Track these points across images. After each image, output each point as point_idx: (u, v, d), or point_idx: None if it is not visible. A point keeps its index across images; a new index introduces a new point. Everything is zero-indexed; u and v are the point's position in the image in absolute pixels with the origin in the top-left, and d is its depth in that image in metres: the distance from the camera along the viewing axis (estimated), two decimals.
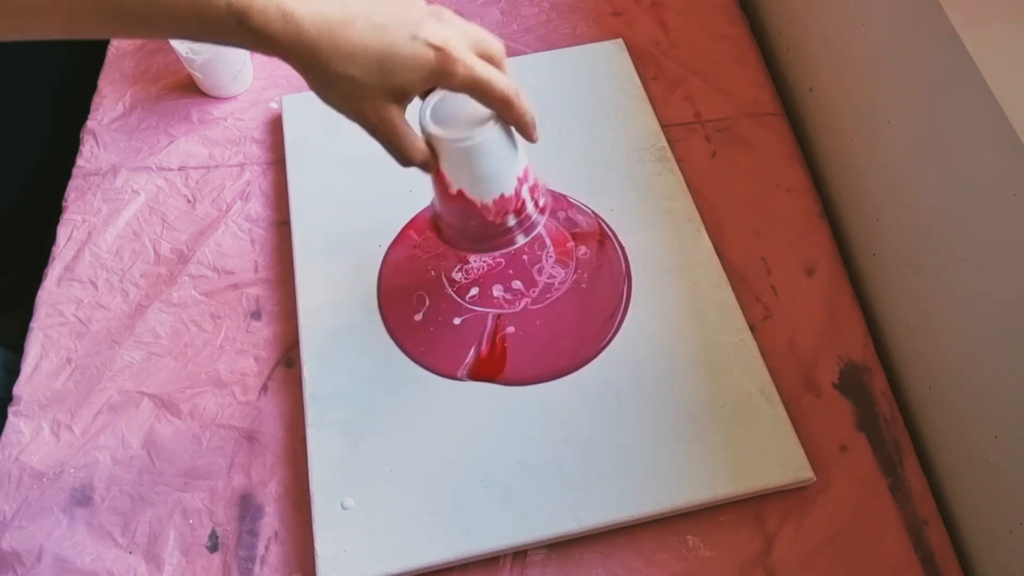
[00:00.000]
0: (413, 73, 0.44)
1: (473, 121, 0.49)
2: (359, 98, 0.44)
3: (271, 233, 0.71)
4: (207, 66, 0.75)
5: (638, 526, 0.56)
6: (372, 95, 0.44)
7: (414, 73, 0.44)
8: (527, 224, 0.56)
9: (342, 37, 0.42)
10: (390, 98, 0.45)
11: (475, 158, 0.50)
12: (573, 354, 0.62)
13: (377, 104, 0.45)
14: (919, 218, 0.60)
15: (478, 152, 0.50)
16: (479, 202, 0.53)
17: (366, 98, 0.44)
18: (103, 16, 0.40)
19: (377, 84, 0.44)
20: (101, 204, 0.73)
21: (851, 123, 0.68)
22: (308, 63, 0.43)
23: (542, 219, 0.57)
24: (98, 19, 0.40)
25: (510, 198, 0.54)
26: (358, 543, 0.55)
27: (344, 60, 0.42)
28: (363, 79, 0.43)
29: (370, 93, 0.44)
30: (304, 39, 0.42)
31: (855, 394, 0.61)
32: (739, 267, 0.67)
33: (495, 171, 0.52)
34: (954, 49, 0.52)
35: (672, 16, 0.84)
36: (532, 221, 0.56)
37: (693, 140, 0.75)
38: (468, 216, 0.54)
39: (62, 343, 0.65)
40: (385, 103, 0.45)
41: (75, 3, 0.39)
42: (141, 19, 0.40)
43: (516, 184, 0.53)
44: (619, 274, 0.66)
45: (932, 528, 0.56)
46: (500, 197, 0.53)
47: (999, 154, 0.49)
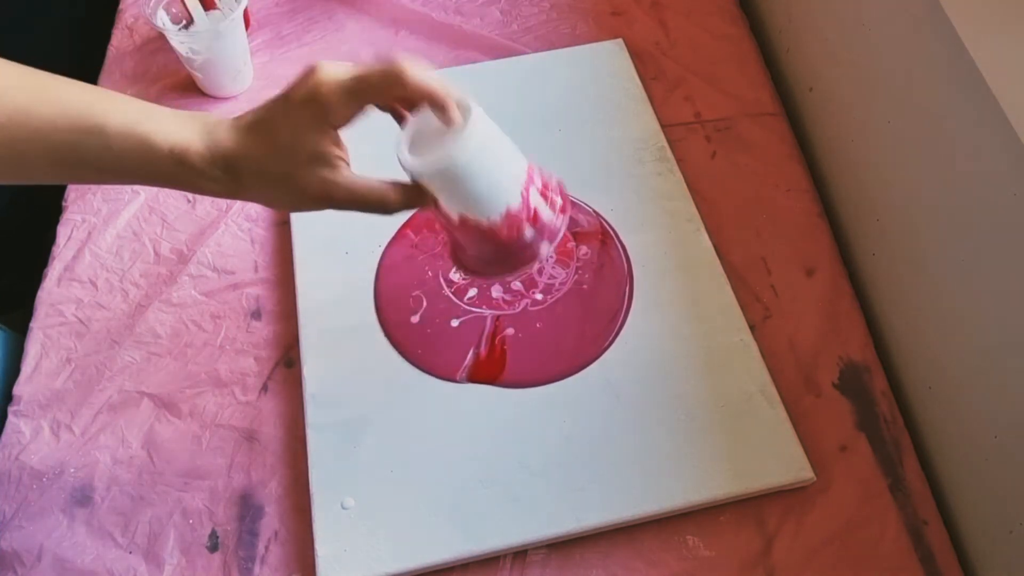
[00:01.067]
0: (304, 114, 0.44)
1: (448, 140, 0.45)
2: (289, 188, 0.46)
3: (271, 233, 0.71)
4: (207, 66, 0.75)
5: (638, 526, 0.56)
6: (300, 173, 0.45)
7: (304, 113, 0.44)
8: (547, 231, 0.50)
9: (256, 150, 0.44)
10: (315, 163, 0.45)
11: (462, 178, 0.46)
12: (575, 356, 0.62)
13: (310, 178, 0.45)
14: (919, 218, 0.60)
15: (462, 170, 0.46)
16: (486, 223, 0.48)
17: (297, 180, 0.45)
18: (54, 165, 0.42)
19: (293, 159, 0.44)
20: (101, 204, 0.73)
21: (851, 123, 0.68)
22: (238, 184, 0.45)
23: (563, 220, 0.51)
24: (49, 166, 0.42)
25: (519, 210, 0.49)
26: (358, 543, 0.55)
27: (260, 160, 0.44)
28: (280, 168, 0.45)
29: (297, 172, 0.45)
30: (230, 163, 0.44)
31: (855, 394, 0.61)
32: (739, 267, 0.67)
33: (490, 184, 0.47)
34: (954, 49, 0.52)
35: (672, 16, 0.84)
36: (552, 227, 0.51)
37: (693, 140, 0.75)
38: (482, 241, 0.49)
39: (62, 343, 0.65)
40: (315, 171, 0.45)
41: (25, 150, 0.41)
42: (90, 168, 0.43)
43: (521, 191, 0.49)
44: (621, 275, 0.66)
45: (932, 528, 0.56)
46: (507, 211, 0.48)
47: (999, 154, 0.49)
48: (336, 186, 0.45)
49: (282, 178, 0.45)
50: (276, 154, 0.44)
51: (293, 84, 0.44)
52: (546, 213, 0.50)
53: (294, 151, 0.44)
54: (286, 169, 0.44)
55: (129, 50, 0.84)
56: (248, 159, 0.44)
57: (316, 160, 0.44)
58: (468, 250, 0.52)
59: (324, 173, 0.45)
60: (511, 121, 0.74)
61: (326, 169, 0.45)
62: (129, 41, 0.84)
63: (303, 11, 0.85)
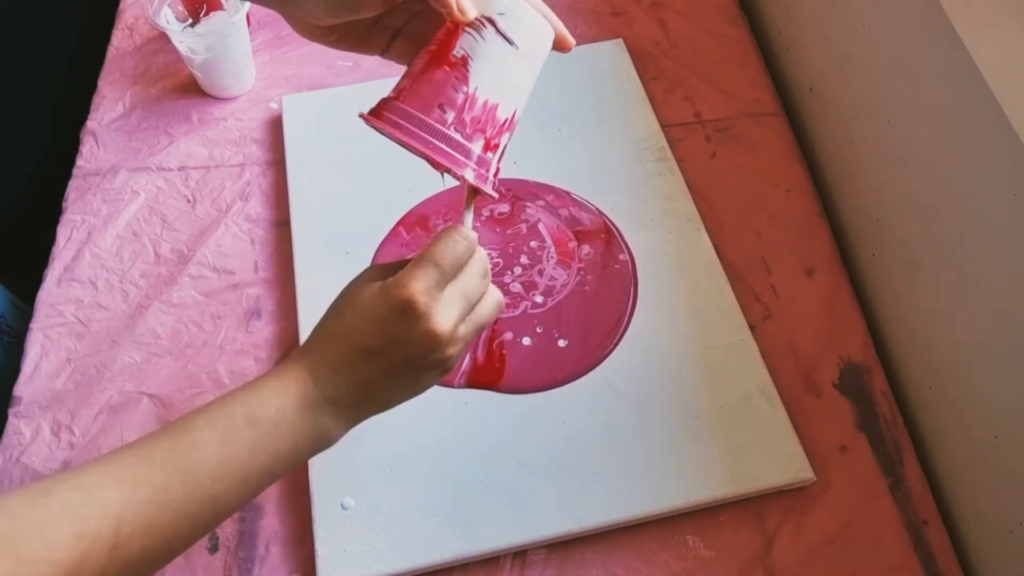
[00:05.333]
0: None
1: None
2: None
3: (271, 233, 0.71)
4: (208, 66, 0.75)
5: (638, 526, 0.56)
6: None
7: None
8: (484, 168, 0.44)
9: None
10: None
11: (518, 51, 0.42)
12: (577, 362, 0.61)
13: None
14: (919, 218, 0.60)
15: (527, 45, 0.43)
16: (471, 89, 0.42)
17: None
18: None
19: None
20: (101, 204, 0.73)
21: (851, 123, 0.68)
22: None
23: (489, 187, 0.44)
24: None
25: (500, 122, 0.43)
26: (358, 543, 0.55)
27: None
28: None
29: None
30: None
31: (855, 394, 0.61)
32: (739, 267, 0.67)
33: (508, 75, 0.43)
34: (954, 49, 0.52)
35: (672, 16, 0.84)
36: (489, 175, 0.44)
37: (693, 140, 0.75)
38: (444, 97, 0.42)
39: (62, 343, 0.65)
40: None
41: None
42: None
43: (509, 117, 0.44)
44: (626, 275, 0.66)
45: (932, 528, 0.56)
46: (491, 107, 0.43)
47: (999, 154, 0.49)
48: None
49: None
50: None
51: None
52: (495, 162, 0.45)
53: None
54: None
55: (129, 50, 0.84)
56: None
57: None
58: (418, 92, 0.43)
59: None
60: None
61: None
62: (129, 41, 0.84)
63: None
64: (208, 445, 0.41)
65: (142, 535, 0.39)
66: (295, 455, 0.44)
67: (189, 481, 0.40)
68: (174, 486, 0.40)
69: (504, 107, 0.43)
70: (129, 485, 0.39)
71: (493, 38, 0.42)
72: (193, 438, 0.41)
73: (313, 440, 0.44)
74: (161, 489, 0.40)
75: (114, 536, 0.38)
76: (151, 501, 0.39)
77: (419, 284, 0.42)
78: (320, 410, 0.44)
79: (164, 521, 0.39)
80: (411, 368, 0.44)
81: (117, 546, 0.38)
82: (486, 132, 0.43)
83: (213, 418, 0.42)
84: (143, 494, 0.39)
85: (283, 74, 0.81)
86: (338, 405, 0.44)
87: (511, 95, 0.44)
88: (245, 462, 0.42)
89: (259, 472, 0.42)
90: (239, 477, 0.42)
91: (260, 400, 0.43)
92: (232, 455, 0.42)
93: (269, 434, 0.42)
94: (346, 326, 0.44)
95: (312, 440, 0.44)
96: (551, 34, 0.45)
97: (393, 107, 0.43)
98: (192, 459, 0.41)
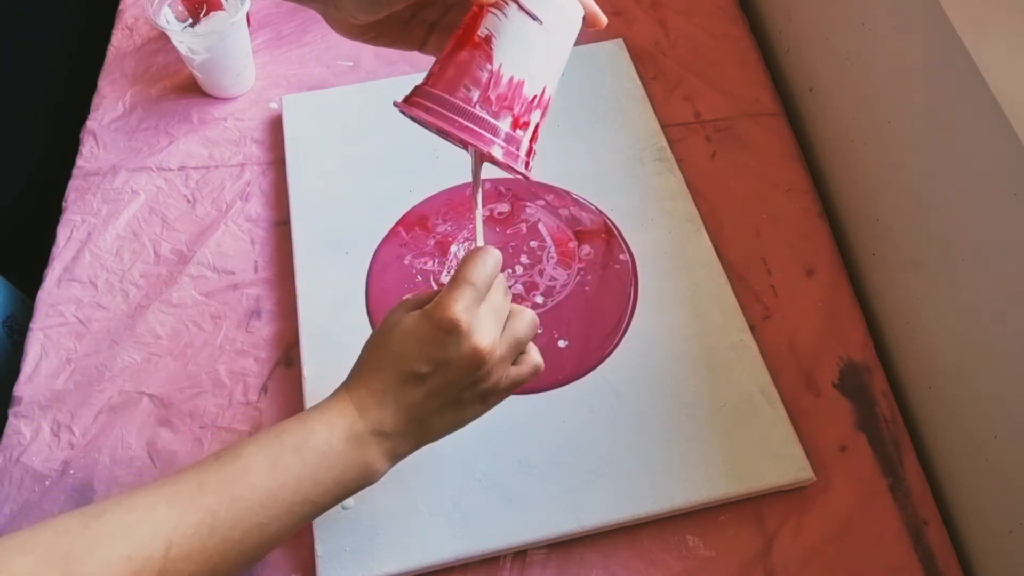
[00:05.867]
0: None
1: None
2: None
3: (271, 233, 0.71)
4: (208, 66, 0.75)
5: (638, 526, 0.56)
6: None
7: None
8: (513, 146, 0.44)
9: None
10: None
11: (549, 30, 0.43)
12: (577, 363, 0.61)
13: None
14: (919, 218, 0.60)
15: (557, 25, 0.43)
16: (495, 67, 0.42)
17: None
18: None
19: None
20: (101, 204, 0.73)
21: (851, 123, 0.68)
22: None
23: (521, 165, 0.44)
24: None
25: (528, 99, 0.43)
26: (358, 543, 0.55)
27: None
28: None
29: None
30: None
31: (855, 394, 0.61)
32: (739, 267, 0.67)
33: (533, 51, 0.43)
34: (954, 49, 0.52)
35: (672, 16, 0.84)
36: (519, 152, 0.44)
37: (693, 140, 0.75)
38: (469, 77, 0.42)
39: (62, 343, 0.65)
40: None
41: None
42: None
43: (539, 94, 0.44)
44: (627, 275, 0.66)
45: (932, 528, 0.56)
46: (517, 83, 0.43)
47: (999, 154, 0.49)
48: None
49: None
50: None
51: None
52: (526, 140, 0.45)
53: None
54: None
55: (129, 50, 0.84)
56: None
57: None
58: (444, 74, 0.43)
59: None
60: None
61: None
62: (129, 41, 0.84)
63: (303, 11, 0.85)
64: (258, 472, 0.42)
65: (190, 559, 0.39)
66: (340, 487, 0.44)
67: (238, 507, 0.41)
68: (223, 511, 0.41)
69: (531, 84, 0.43)
70: (181, 508, 0.40)
71: (516, 15, 0.42)
72: (244, 464, 0.42)
73: (358, 472, 0.45)
74: (211, 513, 0.40)
75: (164, 559, 0.38)
76: (201, 525, 0.40)
77: (460, 304, 0.44)
78: (365, 442, 0.44)
79: (212, 546, 0.40)
80: (455, 392, 0.45)
81: (165, 570, 0.38)
82: (513, 109, 0.43)
83: (263, 446, 0.43)
84: (194, 518, 0.40)
85: (283, 74, 0.81)
86: (383, 436, 0.45)
87: (538, 72, 0.44)
88: (292, 491, 0.43)
89: (304, 502, 0.43)
90: (286, 506, 0.42)
91: (308, 431, 0.44)
92: (281, 483, 0.42)
93: (316, 464, 0.43)
94: (390, 355, 0.45)
95: (357, 472, 0.45)
96: (580, 11, 0.45)
97: (422, 92, 0.44)
98: (242, 485, 0.42)
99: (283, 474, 0.42)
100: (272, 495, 0.42)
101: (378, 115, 0.75)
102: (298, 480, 0.43)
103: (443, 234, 0.68)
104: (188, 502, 0.40)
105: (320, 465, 0.43)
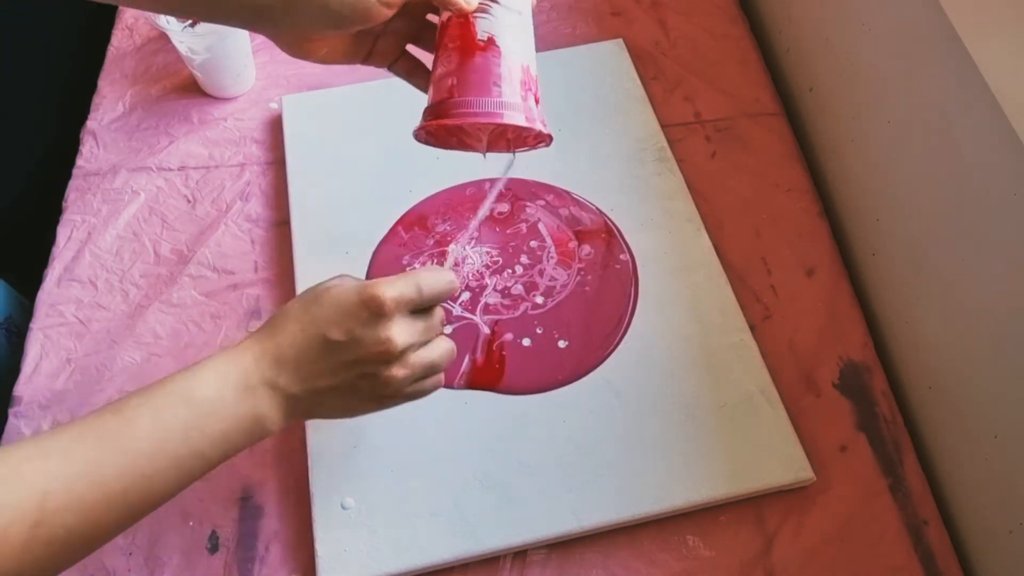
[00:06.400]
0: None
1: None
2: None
3: (271, 233, 0.71)
4: (208, 66, 0.75)
5: (638, 526, 0.56)
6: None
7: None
8: (542, 120, 0.48)
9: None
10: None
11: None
12: (577, 363, 0.61)
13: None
14: (919, 218, 0.60)
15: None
16: (507, 60, 0.46)
17: None
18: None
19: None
20: (101, 204, 0.73)
21: (851, 123, 0.68)
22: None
23: (543, 128, 0.48)
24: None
25: (534, 77, 0.48)
26: (358, 543, 0.55)
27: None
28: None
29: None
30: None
31: (855, 394, 0.61)
32: (739, 267, 0.67)
33: (524, 38, 0.47)
34: (954, 49, 0.52)
35: (672, 16, 0.84)
36: (545, 120, 0.48)
37: (693, 140, 0.75)
38: (493, 76, 0.46)
39: (62, 343, 0.65)
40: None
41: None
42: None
43: (535, 72, 0.48)
44: (627, 275, 0.66)
45: (932, 528, 0.56)
46: (526, 68, 0.47)
47: (999, 154, 0.49)
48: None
49: None
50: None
51: None
52: (538, 111, 0.48)
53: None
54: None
55: (129, 50, 0.84)
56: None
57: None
58: (459, 76, 0.46)
59: None
60: None
61: None
62: (129, 41, 0.84)
63: None
64: (142, 423, 0.40)
65: (68, 511, 0.37)
66: (230, 442, 0.43)
67: (120, 458, 0.39)
68: (105, 462, 0.39)
69: (532, 65, 0.48)
70: (57, 460, 0.38)
71: (502, 13, 0.47)
72: (127, 415, 0.40)
73: (250, 424, 0.43)
74: (91, 464, 0.38)
75: (38, 511, 0.36)
76: (80, 476, 0.38)
77: (393, 292, 0.43)
78: (259, 394, 0.43)
79: (92, 499, 0.38)
80: (355, 375, 0.44)
81: (41, 522, 0.37)
82: (532, 89, 0.48)
83: (149, 396, 0.41)
84: (72, 469, 0.38)
85: (283, 74, 0.81)
86: (276, 390, 0.43)
87: (531, 53, 0.49)
88: (180, 442, 0.41)
89: (193, 454, 0.41)
90: (173, 458, 0.40)
91: (199, 380, 0.42)
92: (167, 434, 0.40)
93: (205, 414, 0.41)
94: (310, 315, 0.44)
95: (249, 424, 0.43)
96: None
97: (452, 104, 0.46)
98: (125, 436, 0.40)
99: (170, 423, 0.40)
100: (158, 446, 0.40)
101: (378, 115, 0.75)
102: (185, 431, 0.41)
103: (443, 234, 0.68)
104: (65, 453, 0.38)
105: (210, 415, 0.41)
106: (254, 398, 0.43)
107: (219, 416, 0.42)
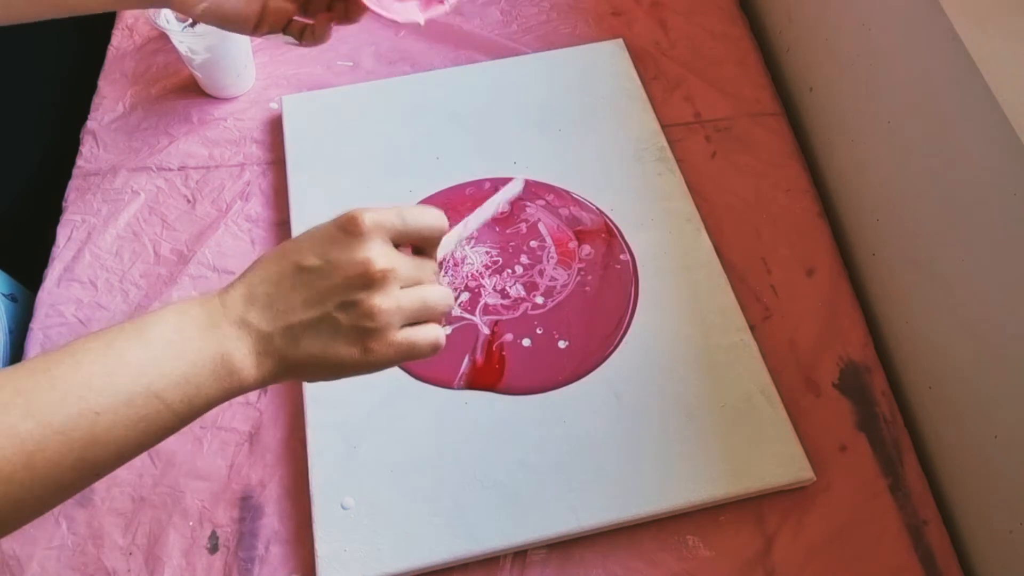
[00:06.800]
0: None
1: None
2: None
3: (271, 233, 0.71)
4: (208, 66, 0.75)
5: (638, 526, 0.56)
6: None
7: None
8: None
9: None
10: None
11: None
12: (577, 364, 0.61)
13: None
14: (919, 218, 0.60)
15: None
16: None
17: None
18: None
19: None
20: (101, 204, 0.73)
21: (851, 123, 0.68)
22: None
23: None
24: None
25: None
26: (358, 543, 0.55)
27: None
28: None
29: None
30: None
31: (855, 394, 0.61)
32: (739, 267, 0.67)
33: None
34: (954, 49, 0.52)
35: (672, 16, 0.84)
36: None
37: (693, 140, 0.75)
38: None
39: (62, 343, 0.65)
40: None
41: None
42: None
43: None
44: (627, 275, 0.66)
45: (932, 528, 0.56)
46: None
47: (999, 154, 0.49)
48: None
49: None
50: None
51: None
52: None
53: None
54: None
55: (129, 50, 0.84)
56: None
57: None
58: None
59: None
60: (512, 121, 0.75)
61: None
62: (129, 41, 0.84)
63: None
64: (87, 354, 0.36)
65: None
66: (192, 382, 0.37)
67: (60, 387, 0.34)
68: (41, 391, 0.34)
69: None
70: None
71: None
72: (72, 348, 0.36)
73: (214, 366, 0.38)
74: (24, 393, 0.34)
75: None
76: (10, 405, 0.33)
77: (370, 213, 0.40)
78: (224, 332, 0.38)
79: (25, 430, 0.33)
80: (332, 303, 0.39)
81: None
82: None
83: (100, 334, 0.37)
84: (1, 397, 0.33)
85: (283, 74, 0.81)
86: (247, 328, 0.39)
87: None
88: (132, 378, 0.36)
89: (148, 393, 0.36)
90: (124, 395, 0.35)
91: (157, 318, 0.38)
92: (117, 365, 0.36)
93: (161, 349, 0.37)
94: (282, 249, 0.41)
95: (213, 366, 0.38)
96: None
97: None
98: (67, 366, 0.35)
99: (120, 355, 0.36)
100: (106, 379, 0.35)
101: (378, 115, 0.75)
102: (139, 365, 0.36)
103: None
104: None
105: (167, 351, 0.37)
106: (219, 335, 0.38)
107: (177, 352, 0.37)
